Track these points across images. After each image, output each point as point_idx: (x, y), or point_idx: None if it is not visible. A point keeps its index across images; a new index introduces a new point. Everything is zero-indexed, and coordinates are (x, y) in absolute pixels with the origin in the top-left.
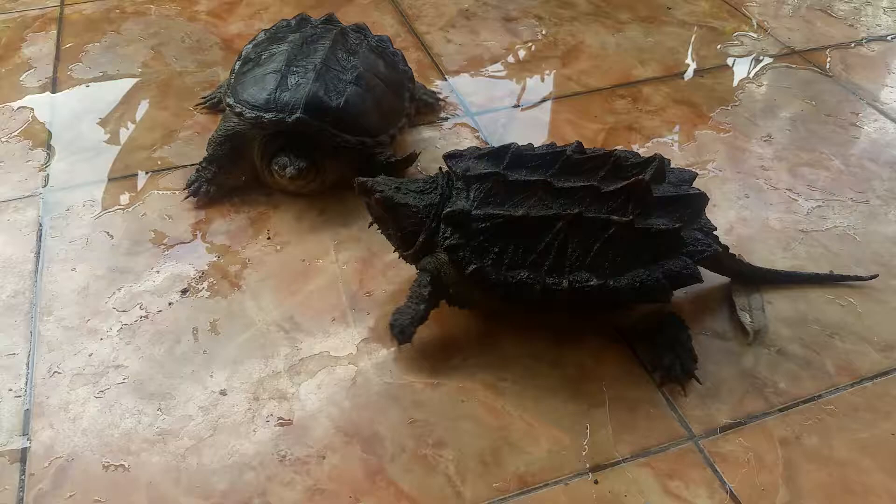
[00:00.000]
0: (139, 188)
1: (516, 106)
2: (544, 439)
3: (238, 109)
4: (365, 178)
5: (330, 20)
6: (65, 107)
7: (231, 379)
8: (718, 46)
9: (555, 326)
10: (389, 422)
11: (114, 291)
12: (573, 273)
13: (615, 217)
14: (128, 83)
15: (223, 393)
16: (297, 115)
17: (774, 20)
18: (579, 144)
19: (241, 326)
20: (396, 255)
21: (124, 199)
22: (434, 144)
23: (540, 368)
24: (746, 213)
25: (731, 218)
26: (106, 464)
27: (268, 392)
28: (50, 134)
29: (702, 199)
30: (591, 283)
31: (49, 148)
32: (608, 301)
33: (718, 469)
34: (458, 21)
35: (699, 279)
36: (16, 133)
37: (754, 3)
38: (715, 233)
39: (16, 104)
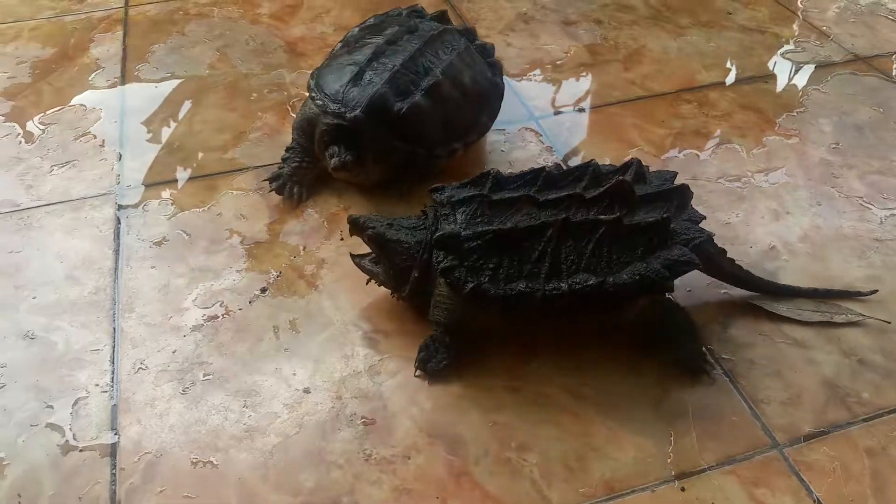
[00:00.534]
0: (213, 188)
1: (580, 110)
2: (628, 445)
3: (312, 94)
4: (357, 216)
5: (441, 18)
6: (134, 107)
7: (313, 377)
8: (780, 52)
9: (630, 331)
10: (471, 424)
11: (194, 289)
12: (571, 276)
13: (603, 217)
14: (195, 84)
15: (307, 391)
16: (357, 113)
17: (837, 26)
18: (558, 165)
19: (320, 326)
20: None
21: (199, 198)
22: (499, 148)
23: (619, 374)
24: (820, 221)
25: (805, 226)
26: (194, 460)
27: (350, 391)
28: (121, 133)
29: (686, 192)
30: (591, 282)
31: (121, 147)
32: (610, 299)
33: (804, 478)
34: (517, 24)
35: (698, 265)
36: (88, 132)
37: (815, 10)
38: (703, 223)
39: (86, 103)
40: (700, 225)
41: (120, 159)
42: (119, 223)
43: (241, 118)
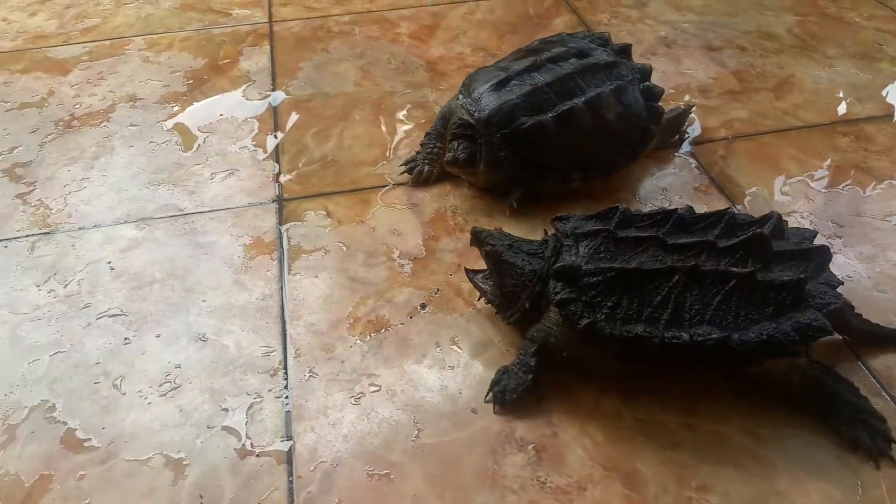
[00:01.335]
0: (367, 202)
1: (733, 137)
2: (814, 492)
3: (461, 89)
4: (481, 229)
5: (622, 51)
6: (287, 120)
7: (479, 398)
8: None
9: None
10: (647, 459)
11: (356, 301)
12: (693, 327)
13: (735, 269)
14: (342, 100)
15: (474, 411)
16: (482, 116)
17: None
18: (690, 208)
19: (481, 345)
20: None
21: (354, 212)
22: (650, 173)
23: (798, 418)
24: None
25: None
26: (370, 472)
27: (517, 415)
28: (276, 145)
29: (825, 253)
30: (714, 335)
31: (277, 158)
32: (733, 357)
33: None
34: (659, 48)
35: (830, 331)
36: (245, 143)
37: None
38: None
39: (241, 115)
40: (837, 290)
41: (277, 170)
42: (280, 232)
43: (389, 135)
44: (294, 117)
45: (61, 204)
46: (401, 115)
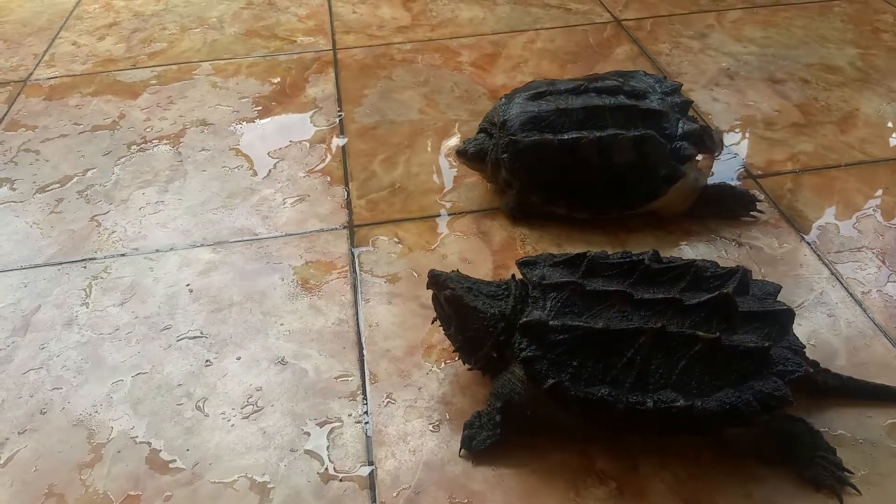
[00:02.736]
0: (436, 229)
1: (800, 171)
2: None
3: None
4: (439, 272)
5: (682, 106)
6: (355, 147)
7: (551, 431)
8: None
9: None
10: (727, 495)
11: (429, 327)
12: (657, 392)
13: (701, 333)
14: (408, 128)
15: (551, 441)
16: (499, 120)
17: None
18: (655, 253)
19: None
20: None
21: (424, 238)
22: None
23: (883, 458)
24: None
25: None
26: (452, 500)
27: (595, 447)
28: (345, 171)
29: (789, 315)
30: (678, 403)
31: (347, 185)
32: (695, 424)
33: None
34: (721, 80)
35: (790, 401)
36: (315, 169)
37: None
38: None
39: (309, 141)
40: (800, 353)
41: (347, 196)
42: (353, 258)
43: (455, 163)
44: (361, 144)
45: (137, 226)
46: None
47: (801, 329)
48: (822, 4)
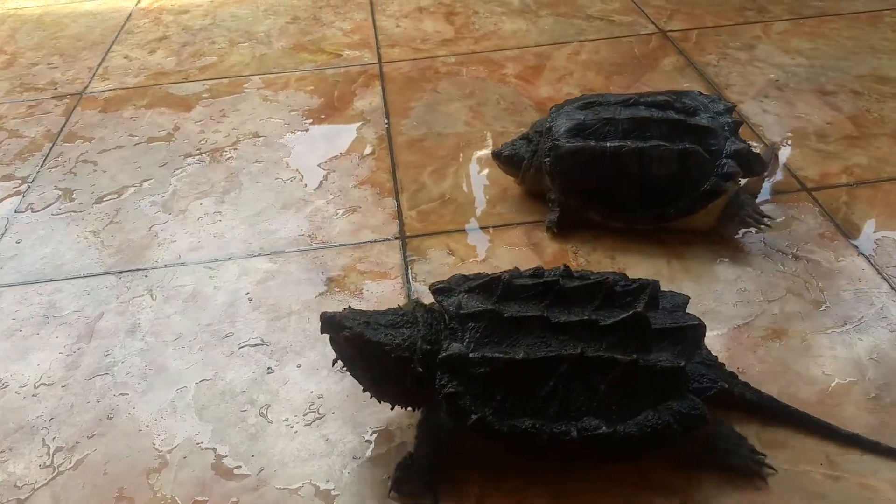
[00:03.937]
0: (486, 241)
1: (855, 184)
2: None
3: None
4: (331, 313)
5: (733, 126)
6: (403, 159)
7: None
8: None
9: None
10: None
11: None
12: (580, 419)
13: (619, 356)
14: (455, 139)
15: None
16: (546, 126)
17: None
18: (566, 268)
19: None
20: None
21: (475, 250)
22: (775, 218)
23: None
24: None
25: None
26: None
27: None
28: (395, 183)
29: (700, 329)
30: (601, 430)
31: (397, 196)
32: (618, 449)
33: None
34: (771, 91)
35: (707, 420)
36: (366, 180)
37: None
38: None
39: (359, 152)
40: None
41: (398, 207)
42: (407, 269)
43: (503, 175)
44: (410, 157)
45: (196, 236)
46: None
47: (862, 344)
48: (873, 14)
